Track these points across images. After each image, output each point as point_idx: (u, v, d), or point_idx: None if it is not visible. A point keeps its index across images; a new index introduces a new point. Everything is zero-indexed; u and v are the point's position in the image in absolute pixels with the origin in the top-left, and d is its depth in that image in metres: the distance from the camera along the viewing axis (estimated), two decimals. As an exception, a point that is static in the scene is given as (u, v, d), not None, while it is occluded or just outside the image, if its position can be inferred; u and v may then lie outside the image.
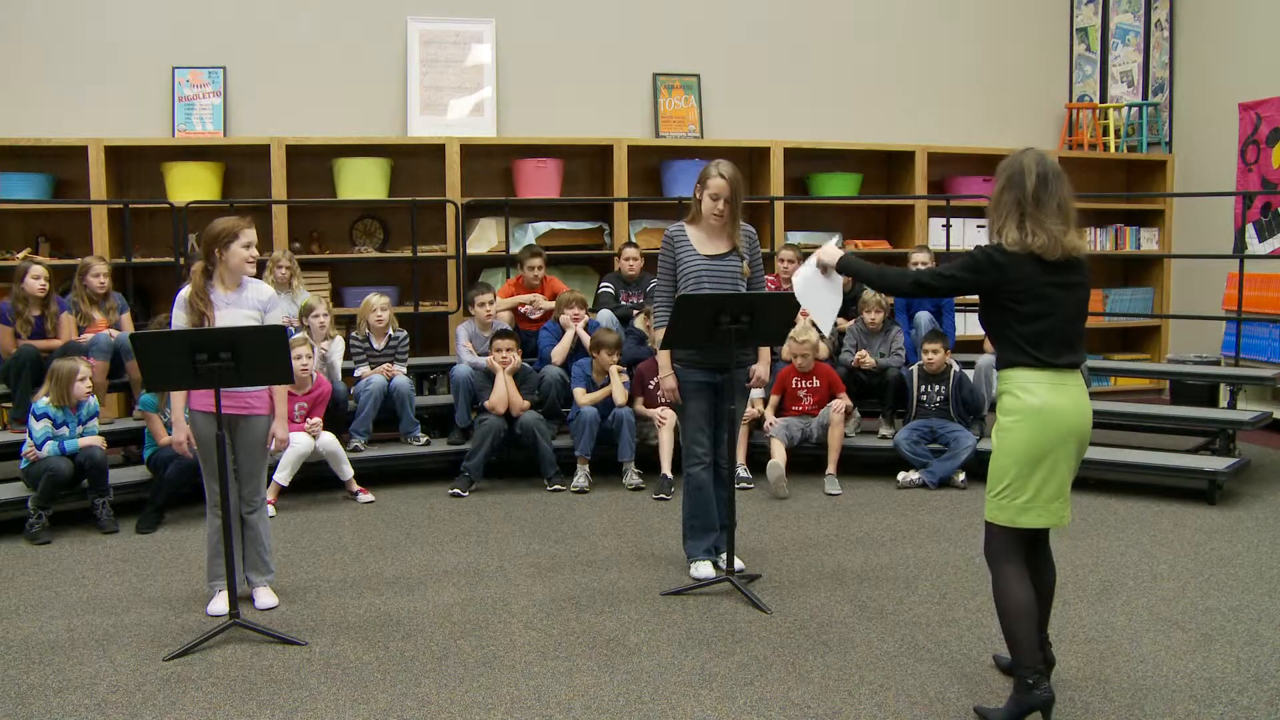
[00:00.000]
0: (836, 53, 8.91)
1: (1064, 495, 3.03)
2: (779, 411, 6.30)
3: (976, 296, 3.15)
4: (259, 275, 4.26)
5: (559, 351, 6.44)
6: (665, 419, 6.08)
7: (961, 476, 5.97)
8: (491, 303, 6.57)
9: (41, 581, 4.50)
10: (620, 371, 6.25)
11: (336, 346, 6.37)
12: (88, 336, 6.00)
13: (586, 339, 6.32)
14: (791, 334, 6.15)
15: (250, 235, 4.03)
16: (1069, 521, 3.09)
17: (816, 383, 6.25)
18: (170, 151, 7.56)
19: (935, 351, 6.21)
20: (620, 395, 6.16)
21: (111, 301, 6.26)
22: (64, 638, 3.84)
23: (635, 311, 6.75)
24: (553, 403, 6.33)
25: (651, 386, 6.25)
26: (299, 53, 7.92)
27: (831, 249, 3.51)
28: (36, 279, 5.90)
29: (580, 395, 6.16)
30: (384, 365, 6.37)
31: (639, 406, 6.24)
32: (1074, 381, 3.03)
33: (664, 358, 4.38)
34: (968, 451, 5.97)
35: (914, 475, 5.98)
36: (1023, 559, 3.07)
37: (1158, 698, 3.22)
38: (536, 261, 6.89)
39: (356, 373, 6.41)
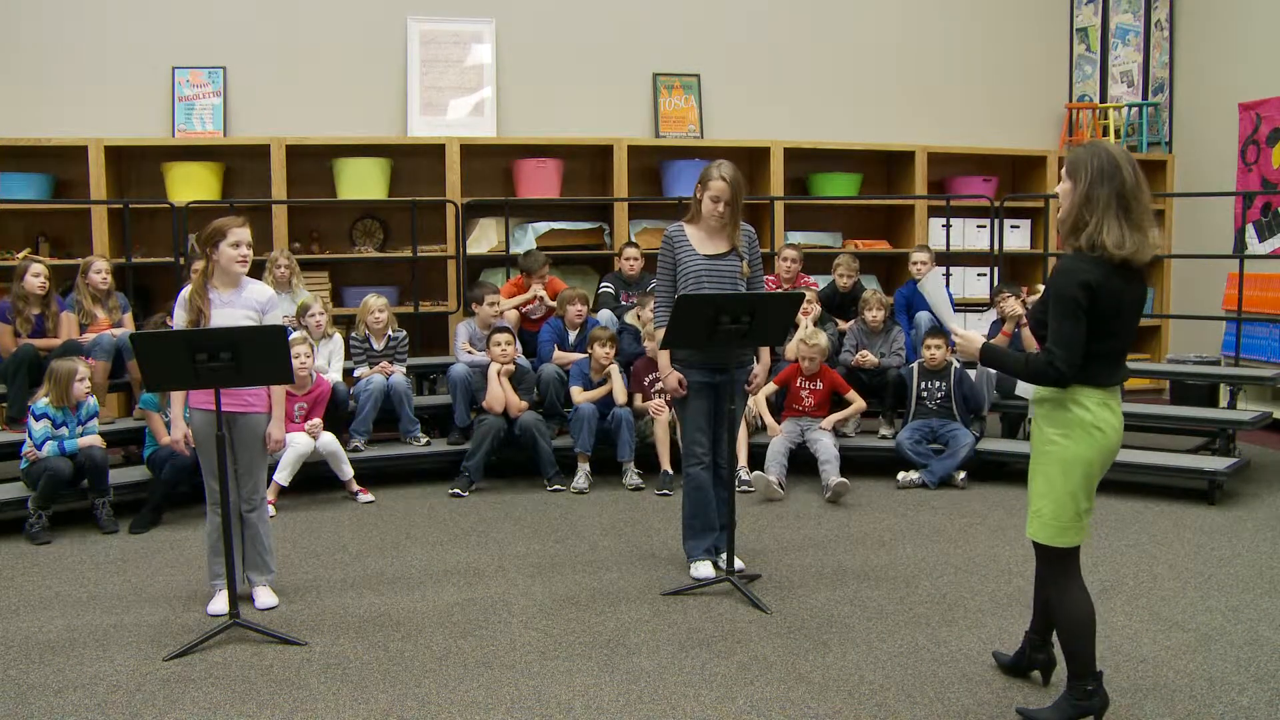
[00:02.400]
0: (836, 53, 8.91)
1: (1091, 510, 2.95)
2: (780, 407, 6.30)
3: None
4: (258, 275, 4.25)
5: (561, 358, 6.44)
6: (660, 411, 6.09)
7: (961, 476, 5.97)
8: (497, 303, 6.56)
9: (41, 581, 4.50)
10: (619, 372, 6.26)
11: (336, 350, 6.35)
12: (90, 336, 6.00)
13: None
14: (802, 336, 6.15)
15: (239, 234, 4.02)
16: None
17: (819, 384, 6.25)
18: (170, 151, 7.57)
19: (938, 347, 6.21)
20: (621, 394, 6.16)
21: (114, 300, 6.27)
22: (64, 638, 3.84)
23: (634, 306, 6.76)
24: (552, 402, 6.33)
25: (647, 383, 6.25)
26: (299, 53, 7.92)
27: (974, 338, 3.08)
28: (36, 277, 5.90)
29: (577, 393, 6.16)
30: (381, 364, 6.36)
31: (636, 402, 6.25)
32: (1118, 399, 2.93)
33: (664, 358, 4.38)
34: (966, 449, 5.97)
35: (914, 475, 5.98)
36: (1078, 572, 2.95)
37: (1158, 698, 3.22)
38: (543, 271, 6.89)
39: (356, 373, 6.41)
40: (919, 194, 8.46)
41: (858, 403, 6.24)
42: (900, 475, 6.01)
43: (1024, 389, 3.05)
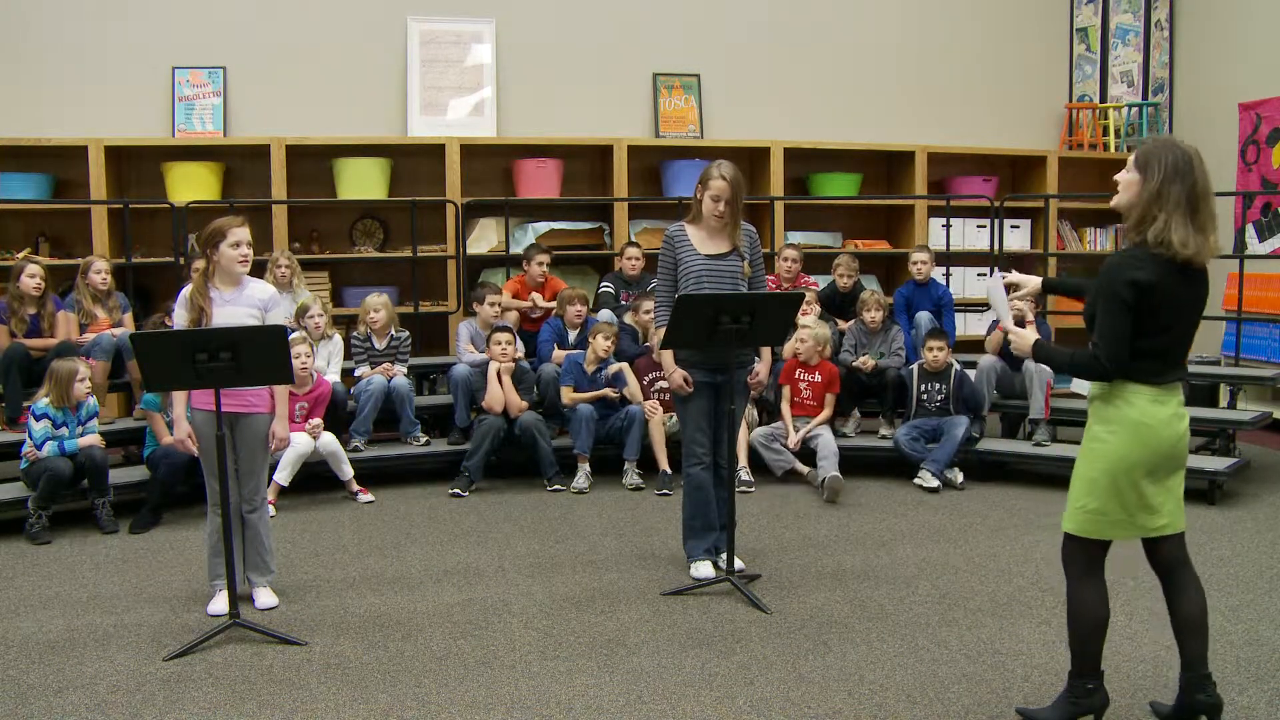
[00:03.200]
0: (836, 53, 8.91)
1: (1150, 508, 2.90)
2: (779, 406, 6.32)
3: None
4: (259, 275, 4.26)
5: (562, 356, 6.44)
6: (654, 411, 6.09)
7: (960, 478, 5.96)
8: (499, 303, 6.55)
9: (41, 581, 4.50)
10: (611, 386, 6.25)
11: (336, 351, 6.35)
12: (89, 336, 6.00)
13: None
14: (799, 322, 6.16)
15: (239, 234, 4.03)
16: (1168, 532, 2.95)
17: (818, 377, 6.25)
18: (170, 151, 7.56)
19: (940, 349, 6.20)
20: (636, 391, 6.16)
21: (114, 300, 6.27)
22: (64, 638, 3.84)
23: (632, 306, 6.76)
24: (551, 401, 6.32)
25: (646, 383, 6.26)
26: (299, 53, 7.92)
27: (1027, 336, 3.11)
28: (32, 278, 5.90)
29: (568, 394, 6.13)
30: (383, 365, 6.37)
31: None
32: (1176, 398, 2.89)
33: (666, 357, 4.38)
34: (962, 432, 5.97)
35: (930, 478, 5.91)
36: (1101, 572, 2.93)
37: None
38: (544, 258, 6.90)
39: (357, 372, 6.41)
40: (919, 194, 8.45)
41: (825, 412, 6.23)
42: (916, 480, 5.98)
43: (1080, 385, 3.01)
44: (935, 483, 5.88)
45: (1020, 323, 6.32)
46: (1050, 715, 3.01)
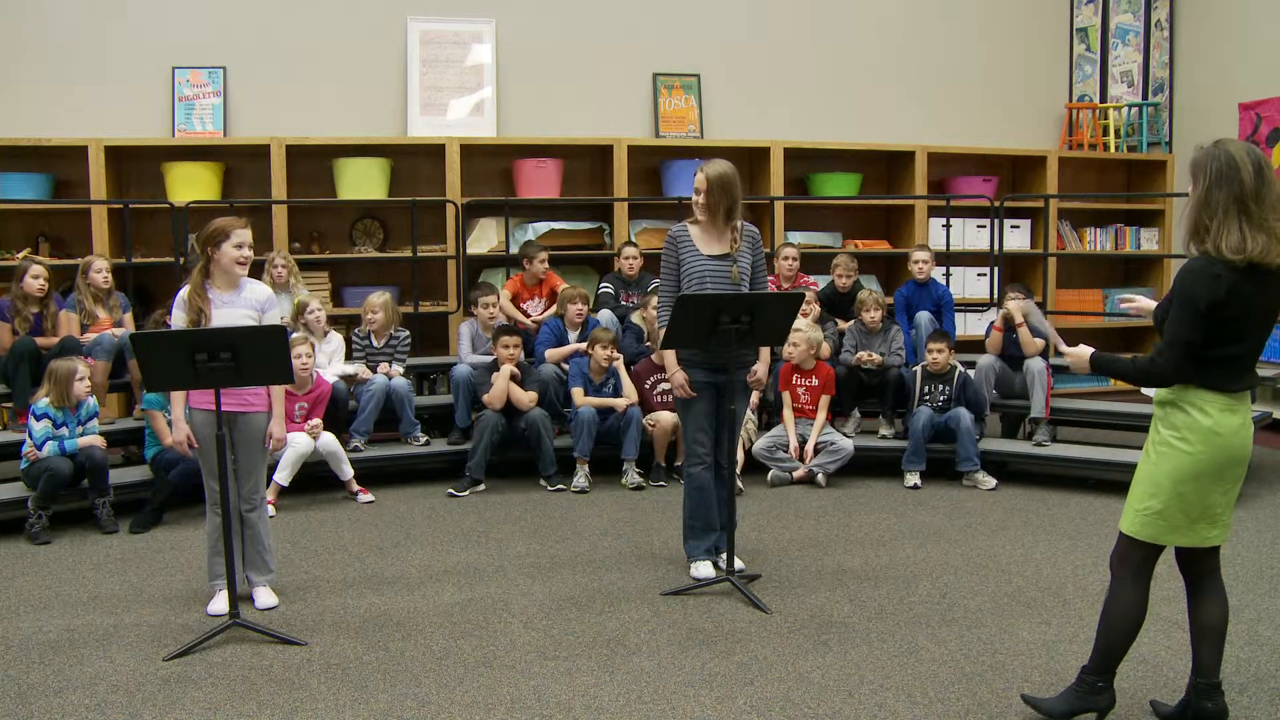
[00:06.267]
0: (836, 53, 8.91)
1: (1211, 517, 2.87)
2: (779, 408, 6.32)
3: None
4: (257, 276, 4.25)
5: (555, 354, 6.44)
6: (655, 423, 6.09)
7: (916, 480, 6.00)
8: (495, 304, 6.56)
9: (41, 581, 4.50)
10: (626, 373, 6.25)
11: (337, 350, 6.35)
12: (91, 336, 6.00)
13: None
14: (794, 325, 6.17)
15: (242, 235, 4.02)
16: (1218, 543, 2.92)
17: (815, 381, 6.25)
18: (170, 151, 7.56)
19: (940, 351, 6.20)
20: (632, 394, 6.17)
21: (115, 300, 6.28)
22: (64, 638, 3.84)
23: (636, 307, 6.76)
24: (551, 401, 6.32)
25: (648, 386, 6.25)
26: (299, 53, 7.92)
27: (1083, 355, 3.01)
28: (36, 279, 5.91)
29: (579, 395, 6.13)
30: (376, 363, 6.35)
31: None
32: (1246, 405, 2.85)
33: (670, 357, 4.38)
34: (966, 419, 5.98)
35: (985, 477, 5.96)
36: (1149, 577, 2.91)
37: (1158, 697, 3.22)
38: (543, 255, 6.90)
39: (354, 370, 6.39)
40: (919, 194, 8.45)
41: (821, 415, 6.22)
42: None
43: (1149, 389, 3.00)
44: (992, 481, 5.93)
45: (1011, 324, 6.36)
46: (1055, 706, 3.01)
